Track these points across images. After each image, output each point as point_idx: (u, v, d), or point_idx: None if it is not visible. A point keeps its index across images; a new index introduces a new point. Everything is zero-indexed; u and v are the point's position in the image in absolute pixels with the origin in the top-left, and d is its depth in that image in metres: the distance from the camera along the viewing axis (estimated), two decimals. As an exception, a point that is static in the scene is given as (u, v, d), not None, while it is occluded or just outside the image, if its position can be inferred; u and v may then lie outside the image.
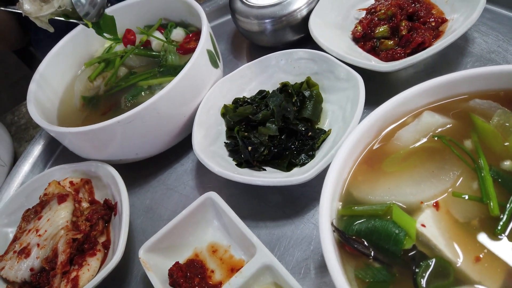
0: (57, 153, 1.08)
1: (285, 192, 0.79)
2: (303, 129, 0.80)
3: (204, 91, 0.89)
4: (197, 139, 0.83)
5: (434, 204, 0.52)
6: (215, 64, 0.92)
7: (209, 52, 0.89)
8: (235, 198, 0.81)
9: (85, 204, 0.84)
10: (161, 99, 0.79)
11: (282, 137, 0.80)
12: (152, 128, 0.83)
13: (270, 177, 0.74)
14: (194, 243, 0.76)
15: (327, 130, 0.80)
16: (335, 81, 0.85)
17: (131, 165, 0.92)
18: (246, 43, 1.15)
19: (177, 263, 0.71)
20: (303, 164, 0.77)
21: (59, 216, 0.78)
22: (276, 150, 0.78)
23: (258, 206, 0.80)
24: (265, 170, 0.79)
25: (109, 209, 0.82)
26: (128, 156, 0.88)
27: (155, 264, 0.72)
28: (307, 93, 0.84)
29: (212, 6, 1.26)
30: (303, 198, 0.77)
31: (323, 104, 0.86)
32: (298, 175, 0.70)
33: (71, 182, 0.87)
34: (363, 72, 0.81)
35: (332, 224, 0.52)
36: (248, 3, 1.02)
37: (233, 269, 0.70)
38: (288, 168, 0.77)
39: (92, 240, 0.77)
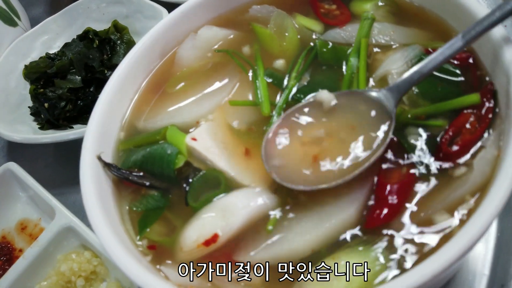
0: None
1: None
2: (113, 76, 0.72)
3: (-2, 54, 0.77)
4: (-8, 108, 0.71)
5: (211, 117, 0.48)
6: (10, 22, 0.80)
7: (-5, 7, 0.76)
8: (51, 167, 0.72)
9: None
10: None
11: (91, 89, 0.71)
12: None
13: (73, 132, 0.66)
14: (0, 224, 0.66)
15: (139, 74, 0.73)
16: (145, 21, 0.78)
17: None
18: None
19: (-28, 250, 0.60)
20: (115, 113, 0.69)
21: None
22: (82, 104, 0.69)
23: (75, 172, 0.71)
24: (72, 128, 0.70)
25: None
26: None
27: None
28: (115, 38, 0.75)
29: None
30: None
31: (137, 48, 0.78)
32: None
33: None
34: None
35: (99, 159, 0.46)
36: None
37: (43, 242, 0.62)
38: (97, 120, 0.69)
39: None
